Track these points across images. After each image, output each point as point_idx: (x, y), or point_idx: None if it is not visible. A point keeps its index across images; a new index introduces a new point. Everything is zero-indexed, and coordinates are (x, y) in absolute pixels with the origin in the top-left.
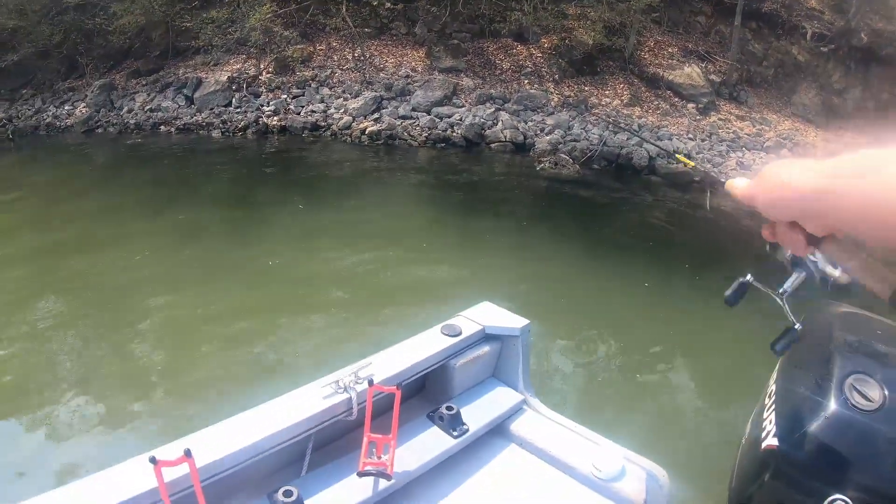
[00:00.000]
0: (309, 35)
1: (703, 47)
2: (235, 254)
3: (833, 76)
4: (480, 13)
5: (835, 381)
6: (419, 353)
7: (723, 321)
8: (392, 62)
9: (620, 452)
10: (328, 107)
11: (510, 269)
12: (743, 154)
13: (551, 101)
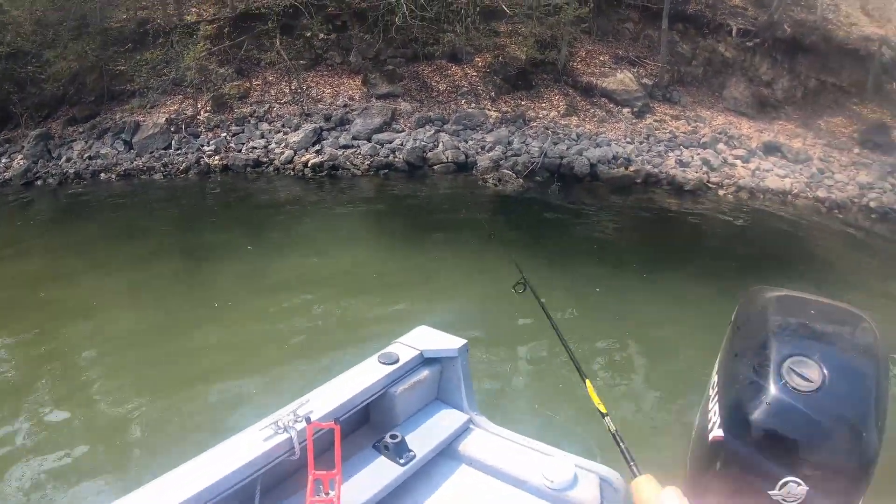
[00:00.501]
0: (244, 71)
1: (633, 53)
2: (182, 300)
3: (761, 69)
4: (413, 37)
5: (773, 366)
6: (357, 385)
7: (673, 318)
8: (329, 92)
9: (571, 461)
10: (269, 142)
11: (457, 289)
12: (681, 152)
13: (489, 118)
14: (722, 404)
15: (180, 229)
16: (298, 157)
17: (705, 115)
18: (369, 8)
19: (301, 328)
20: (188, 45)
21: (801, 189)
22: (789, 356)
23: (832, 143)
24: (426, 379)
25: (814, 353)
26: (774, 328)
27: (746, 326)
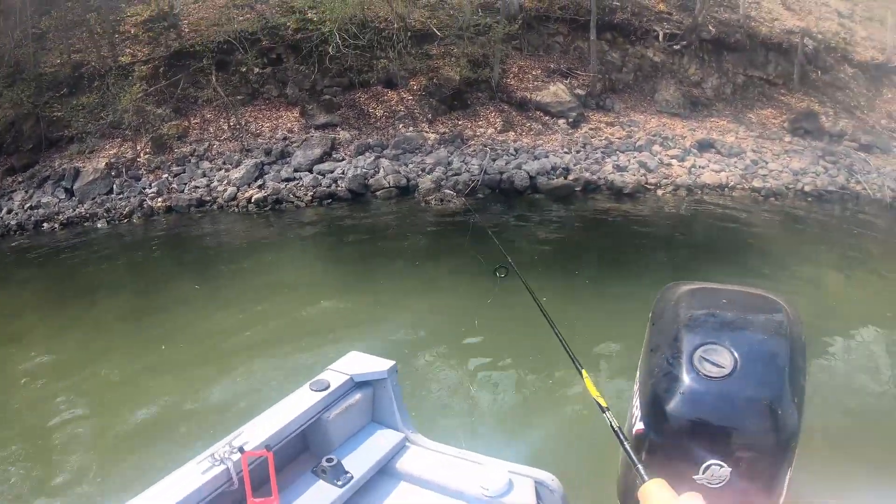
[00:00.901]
0: (182, 110)
1: (564, 65)
2: (130, 347)
3: (689, 70)
4: (348, 66)
5: (685, 357)
6: (290, 414)
7: (618, 319)
8: (268, 126)
9: (505, 467)
10: (211, 180)
11: (400, 311)
12: (617, 157)
13: (428, 140)
14: (641, 398)
15: (127, 275)
16: (241, 193)
17: (639, 120)
18: (302, 39)
19: (245, 364)
20: (124, 86)
21: (737, 181)
22: (700, 345)
23: (764, 135)
24: (359, 402)
25: (724, 340)
26: (685, 320)
27: (661, 321)
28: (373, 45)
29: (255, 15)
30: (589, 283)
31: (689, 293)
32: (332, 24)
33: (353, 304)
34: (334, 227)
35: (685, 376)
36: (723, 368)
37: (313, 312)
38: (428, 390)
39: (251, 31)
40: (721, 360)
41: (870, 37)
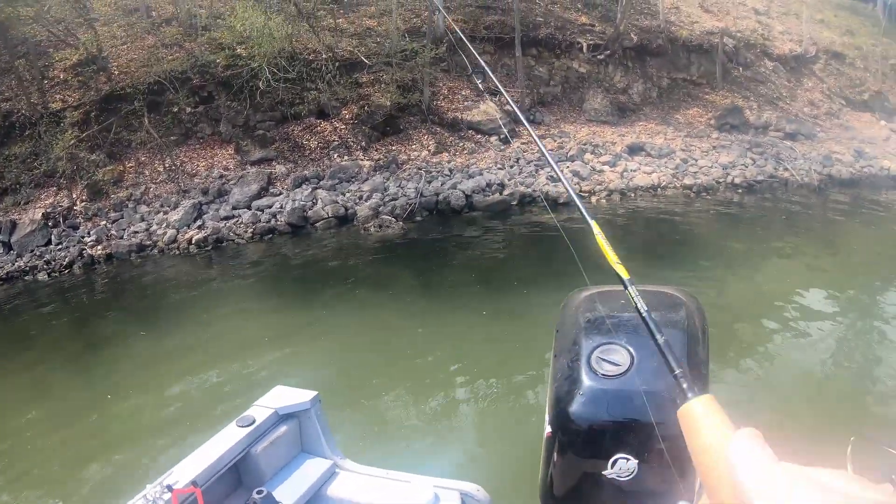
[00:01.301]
0: (116, 154)
1: (492, 83)
2: (76, 399)
3: (615, 77)
4: (280, 100)
5: (583, 360)
6: (217, 451)
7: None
8: (203, 165)
9: (430, 483)
10: (150, 224)
11: (332, 342)
12: (550, 169)
13: (363, 167)
14: (548, 403)
15: (70, 328)
16: (181, 235)
17: (569, 130)
18: (233, 76)
19: (188, 408)
20: (56, 133)
21: (669, 181)
22: (597, 347)
23: (692, 133)
24: (285, 434)
25: (621, 339)
26: (583, 324)
27: (563, 329)
28: (303, 78)
29: (185, 53)
30: (528, 294)
31: (587, 298)
32: (262, 58)
33: (292, 338)
34: (275, 263)
35: (584, 378)
36: (619, 366)
37: (253, 350)
38: (359, 416)
39: (181, 70)
40: (617, 359)
41: (787, 31)
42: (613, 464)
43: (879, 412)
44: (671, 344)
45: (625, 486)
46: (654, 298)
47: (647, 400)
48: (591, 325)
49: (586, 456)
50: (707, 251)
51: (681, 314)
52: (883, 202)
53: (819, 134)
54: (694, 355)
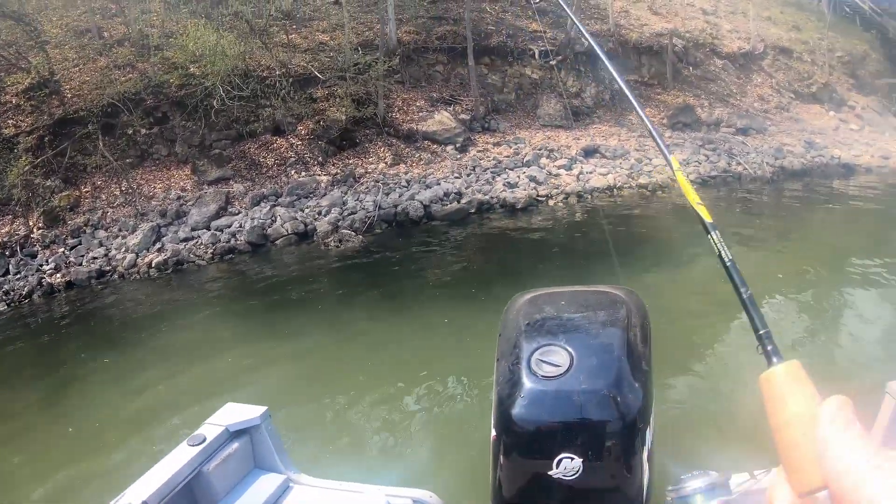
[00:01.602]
0: (71, 179)
1: (447, 93)
2: (38, 434)
3: (567, 82)
4: (235, 118)
5: (524, 363)
6: (168, 471)
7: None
8: (160, 187)
9: (382, 492)
10: (108, 249)
11: (292, 357)
12: (507, 175)
13: (321, 183)
14: (493, 407)
15: (31, 359)
16: (141, 258)
17: (524, 136)
18: (187, 95)
19: (140, 430)
20: (10, 160)
21: (624, 181)
22: (537, 349)
23: (645, 134)
24: (237, 451)
25: (560, 339)
26: (524, 327)
27: (505, 332)
28: (257, 95)
29: (138, 74)
30: (484, 300)
31: (529, 301)
32: (215, 77)
33: (247, 356)
34: (235, 282)
35: (525, 380)
36: (559, 367)
37: (208, 370)
38: (312, 429)
39: (134, 91)
40: (557, 360)
41: (735, 29)
42: (558, 463)
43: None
44: (610, 342)
45: (572, 485)
46: (591, 298)
47: (587, 399)
48: (530, 328)
49: (531, 457)
50: (663, 247)
51: (619, 311)
52: (835, 190)
53: (770, 127)
54: (634, 350)
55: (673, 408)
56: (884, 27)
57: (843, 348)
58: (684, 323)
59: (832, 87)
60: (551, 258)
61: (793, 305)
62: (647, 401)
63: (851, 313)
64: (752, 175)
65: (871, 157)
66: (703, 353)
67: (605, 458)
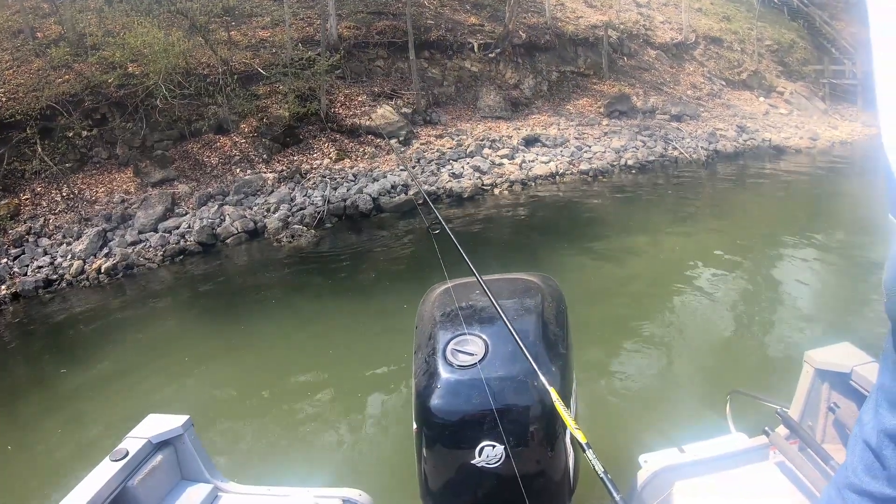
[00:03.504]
0: (9, 187)
1: (388, 87)
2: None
3: (506, 74)
4: (177, 117)
5: (439, 354)
6: (91, 490)
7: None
8: (103, 191)
9: (310, 493)
10: (54, 257)
11: (220, 361)
12: (451, 166)
13: (267, 180)
14: (413, 399)
15: None
16: (89, 265)
17: (466, 128)
18: (126, 95)
19: (62, 448)
20: None
21: (566, 168)
22: (451, 339)
23: (583, 122)
24: (162, 463)
25: (474, 329)
26: (438, 318)
27: (421, 324)
28: (200, 93)
29: (75, 75)
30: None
31: (444, 292)
32: (157, 75)
33: (173, 363)
34: (186, 284)
35: (441, 370)
36: (474, 356)
37: (134, 379)
38: (238, 436)
39: (72, 93)
40: (472, 349)
41: (667, 20)
42: (480, 452)
43: (758, 368)
44: (524, 328)
45: (497, 472)
46: (506, 286)
47: (503, 385)
48: (445, 318)
49: (453, 447)
50: (606, 229)
51: (534, 298)
52: (767, 170)
53: (703, 114)
54: (549, 335)
55: (604, 390)
56: (811, 17)
57: (769, 320)
58: (610, 305)
59: (761, 74)
60: (497, 246)
61: (726, 280)
62: (566, 383)
63: (778, 286)
64: (688, 159)
65: (800, 139)
66: (640, 324)
67: (527, 443)
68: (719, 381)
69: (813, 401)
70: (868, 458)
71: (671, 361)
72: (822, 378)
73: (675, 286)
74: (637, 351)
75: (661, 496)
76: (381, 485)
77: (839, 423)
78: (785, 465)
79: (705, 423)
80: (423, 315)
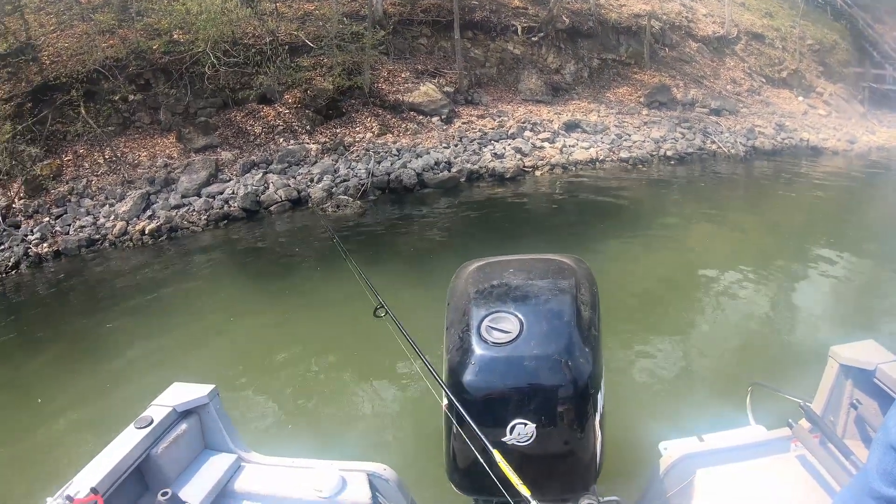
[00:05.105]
0: (52, 148)
1: (431, 65)
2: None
3: (548, 59)
4: (222, 86)
5: (473, 330)
6: (117, 455)
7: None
8: (145, 155)
9: (335, 466)
10: (96, 217)
11: (254, 331)
12: (493, 146)
13: (311, 151)
14: (444, 375)
15: (24, 334)
16: (132, 226)
17: (507, 110)
18: (171, 62)
19: (91, 412)
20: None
21: (606, 155)
22: (486, 316)
23: (623, 111)
24: (186, 432)
25: (509, 307)
26: (472, 295)
27: (454, 300)
28: (249, 62)
29: (119, 40)
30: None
31: (477, 269)
32: (205, 43)
33: (207, 329)
34: (233, 248)
35: (475, 347)
36: (509, 333)
37: (164, 346)
38: (262, 406)
39: (117, 58)
40: (507, 327)
41: (710, 13)
42: (512, 430)
43: (778, 362)
44: (559, 308)
45: (526, 451)
46: (539, 266)
47: (538, 364)
48: (479, 296)
49: (484, 424)
50: (643, 217)
51: (567, 279)
52: (803, 170)
53: (742, 109)
54: (582, 317)
55: (627, 375)
56: (854, 18)
57: (793, 316)
58: (637, 291)
59: (802, 73)
60: (540, 226)
61: (754, 275)
62: (597, 366)
63: (806, 284)
64: (726, 154)
65: (837, 140)
66: (668, 313)
67: (558, 423)
68: (739, 372)
69: (836, 396)
70: (891, 464)
71: (693, 350)
72: (846, 374)
73: (703, 277)
74: (659, 338)
75: (683, 482)
76: (405, 461)
77: (860, 420)
78: (805, 458)
79: (723, 413)
80: (455, 291)
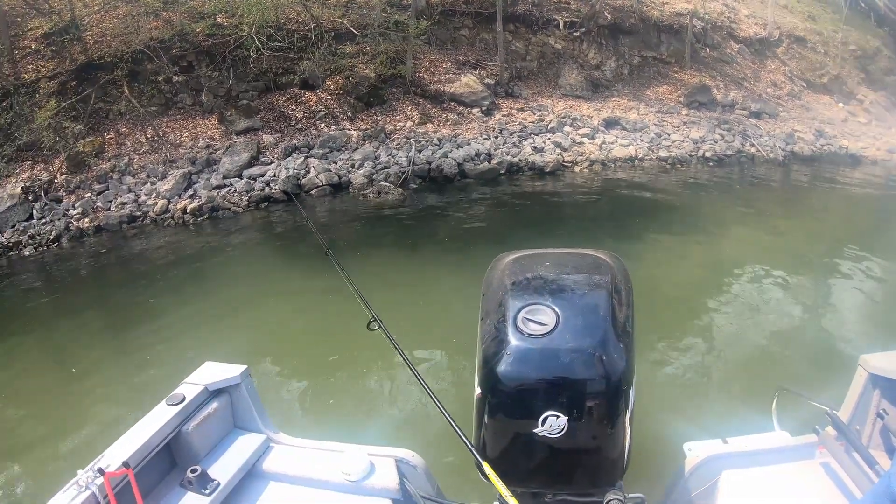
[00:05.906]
0: (95, 125)
1: (472, 56)
2: (36, 379)
3: (589, 54)
4: (264, 70)
5: (510, 321)
6: (148, 431)
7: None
8: (187, 135)
9: (364, 451)
10: (138, 195)
11: (289, 313)
12: (533, 140)
13: (352, 137)
14: (478, 365)
15: (49, 302)
16: (174, 204)
17: (547, 104)
18: (214, 45)
19: (127, 387)
20: (34, 106)
21: (645, 153)
22: (523, 307)
23: (663, 109)
24: (217, 410)
25: (546, 299)
26: (509, 286)
27: (490, 291)
28: (292, 47)
29: (163, 22)
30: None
31: (513, 261)
32: (250, 27)
33: (238, 311)
34: (272, 230)
35: (511, 338)
36: (545, 326)
37: (202, 325)
38: (292, 388)
39: (160, 39)
40: (543, 319)
41: (752, 14)
42: (544, 421)
43: (805, 368)
44: (595, 302)
45: (556, 443)
46: (575, 260)
47: (573, 357)
48: (516, 287)
49: (516, 415)
50: (680, 217)
51: (603, 274)
52: (841, 178)
53: (782, 113)
54: (617, 312)
55: (654, 373)
56: None
57: (822, 324)
58: (670, 290)
59: (843, 79)
60: (579, 221)
61: (785, 280)
62: (630, 363)
63: (837, 292)
64: (764, 157)
65: (877, 150)
66: (681, 321)
67: (589, 417)
68: (765, 377)
69: (863, 405)
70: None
71: (720, 352)
72: (875, 383)
73: (735, 279)
74: (687, 337)
75: (708, 483)
76: (434, 448)
77: (886, 430)
78: (830, 465)
79: (747, 417)
80: (491, 282)
